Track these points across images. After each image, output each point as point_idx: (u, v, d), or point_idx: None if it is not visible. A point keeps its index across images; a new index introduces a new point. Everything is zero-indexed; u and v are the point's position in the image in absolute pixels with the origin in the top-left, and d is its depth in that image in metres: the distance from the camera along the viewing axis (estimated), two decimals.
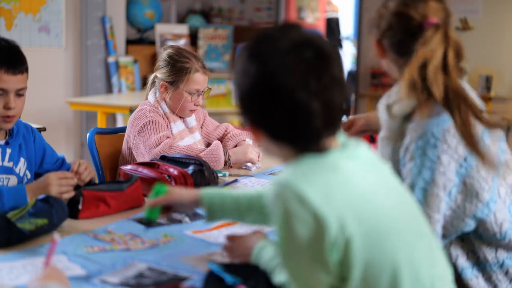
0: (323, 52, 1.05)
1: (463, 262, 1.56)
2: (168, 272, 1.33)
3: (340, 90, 1.07)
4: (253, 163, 2.38)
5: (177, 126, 2.41)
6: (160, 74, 2.40)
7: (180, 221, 1.68)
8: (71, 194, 1.73)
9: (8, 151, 1.89)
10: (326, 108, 1.05)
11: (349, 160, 1.09)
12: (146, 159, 2.23)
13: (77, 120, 4.94)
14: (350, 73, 9.00)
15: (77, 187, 1.80)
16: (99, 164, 2.41)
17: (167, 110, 2.41)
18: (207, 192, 1.45)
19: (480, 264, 1.57)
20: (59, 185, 1.72)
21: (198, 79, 2.38)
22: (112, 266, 1.35)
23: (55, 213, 1.54)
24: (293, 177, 1.04)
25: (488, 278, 1.57)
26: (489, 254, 1.55)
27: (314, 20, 8.41)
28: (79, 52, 4.86)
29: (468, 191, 1.46)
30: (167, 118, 2.40)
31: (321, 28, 8.66)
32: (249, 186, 2.06)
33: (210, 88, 2.46)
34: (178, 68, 2.37)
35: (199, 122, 2.58)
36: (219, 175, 2.18)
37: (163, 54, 2.42)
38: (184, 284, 1.26)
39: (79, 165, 1.83)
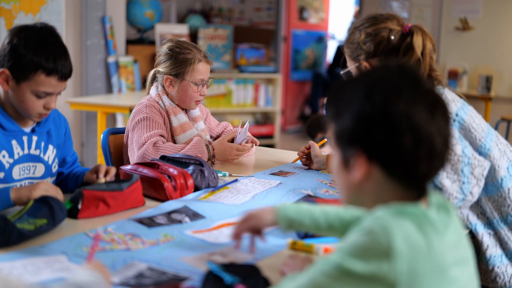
0: (437, 94, 1.07)
1: (474, 219, 1.86)
2: (168, 272, 1.33)
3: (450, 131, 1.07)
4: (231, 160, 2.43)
5: (179, 119, 2.43)
6: (162, 68, 2.43)
7: (180, 221, 1.68)
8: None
9: (35, 138, 1.90)
10: (444, 146, 1.05)
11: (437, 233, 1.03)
12: (134, 158, 2.28)
13: (77, 120, 4.93)
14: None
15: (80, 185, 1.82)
16: (110, 163, 2.45)
17: (168, 103, 2.43)
18: (283, 212, 1.39)
19: (489, 222, 1.86)
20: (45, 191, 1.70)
21: (202, 69, 2.42)
22: (112, 266, 1.35)
23: (54, 213, 1.54)
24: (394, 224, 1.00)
25: (497, 235, 1.85)
26: (495, 211, 1.85)
27: (318, 21, 8.40)
28: (79, 52, 4.85)
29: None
30: (167, 112, 2.42)
31: (326, 28, 8.65)
32: (249, 186, 2.06)
33: (212, 78, 2.51)
34: (181, 59, 2.40)
35: (203, 116, 2.60)
36: (219, 175, 2.18)
37: (163, 48, 2.45)
38: (184, 284, 1.26)
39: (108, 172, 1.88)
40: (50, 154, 1.95)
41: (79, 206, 1.67)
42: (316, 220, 1.38)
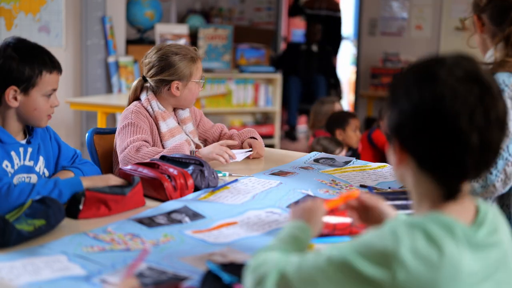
0: (492, 89, 1.05)
1: None
2: (168, 272, 1.33)
3: (500, 133, 1.05)
4: (223, 160, 2.31)
5: (167, 124, 2.43)
6: (168, 76, 2.40)
7: (180, 221, 1.68)
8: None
9: (29, 150, 1.94)
10: (482, 147, 1.03)
11: (471, 251, 1.03)
12: (119, 161, 2.28)
13: (77, 120, 4.94)
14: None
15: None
16: (97, 163, 2.44)
17: (157, 108, 2.42)
18: None
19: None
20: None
21: (200, 66, 2.45)
22: (112, 266, 1.35)
23: (52, 214, 1.54)
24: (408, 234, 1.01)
25: None
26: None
27: None
28: (79, 52, 4.86)
29: None
30: (156, 117, 2.41)
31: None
32: (249, 186, 2.06)
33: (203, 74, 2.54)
34: (186, 64, 2.39)
35: (196, 121, 2.59)
36: (219, 175, 2.18)
37: (158, 56, 2.41)
38: (184, 284, 1.26)
39: None
40: (41, 165, 1.98)
41: (80, 207, 1.68)
42: None
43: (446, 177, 1.07)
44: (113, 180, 1.85)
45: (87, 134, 2.49)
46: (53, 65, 1.89)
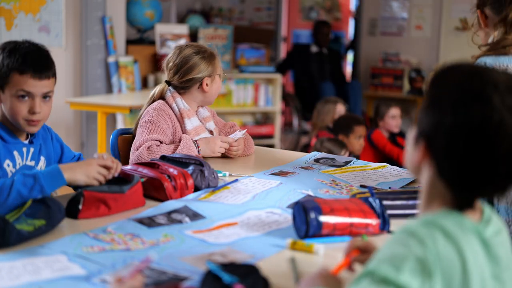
0: None
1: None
2: (168, 272, 1.33)
3: None
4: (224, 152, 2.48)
5: (192, 122, 2.48)
6: (198, 74, 2.47)
7: (180, 221, 1.68)
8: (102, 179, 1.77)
9: (31, 150, 1.94)
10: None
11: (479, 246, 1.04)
12: (130, 159, 2.31)
13: (77, 120, 4.93)
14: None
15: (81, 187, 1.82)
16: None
17: (182, 106, 2.48)
18: None
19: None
20: (98, 172, 1.75)
21: (220, 60, 2.55)
22: (112, 266, 1.35)
23: (52, 214, 1.54)
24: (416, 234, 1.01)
25: None
26: None
27: (332, 21, 8.34)
28: (79, 52, 4.85)
29: None
30: (181, 115, 2.46)
31: (342, 28, 8.53)
32: (249, 186, 2.06)
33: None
34: (209, 60, 2.48)
35: (211, 116, 2.67)
36: (219, 175, 2.18)
37: (182, 59, 2.48)
38: (184, 284, 1.26)
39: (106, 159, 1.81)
40: (42, 165, 1.98)
41: (80, 207, 1.68)
42: None
43: (465, 193, 1.06)
44: (94, 165, 1.75)
45: (111, 136, 2.49)
46: (26, 66, 1.80)
